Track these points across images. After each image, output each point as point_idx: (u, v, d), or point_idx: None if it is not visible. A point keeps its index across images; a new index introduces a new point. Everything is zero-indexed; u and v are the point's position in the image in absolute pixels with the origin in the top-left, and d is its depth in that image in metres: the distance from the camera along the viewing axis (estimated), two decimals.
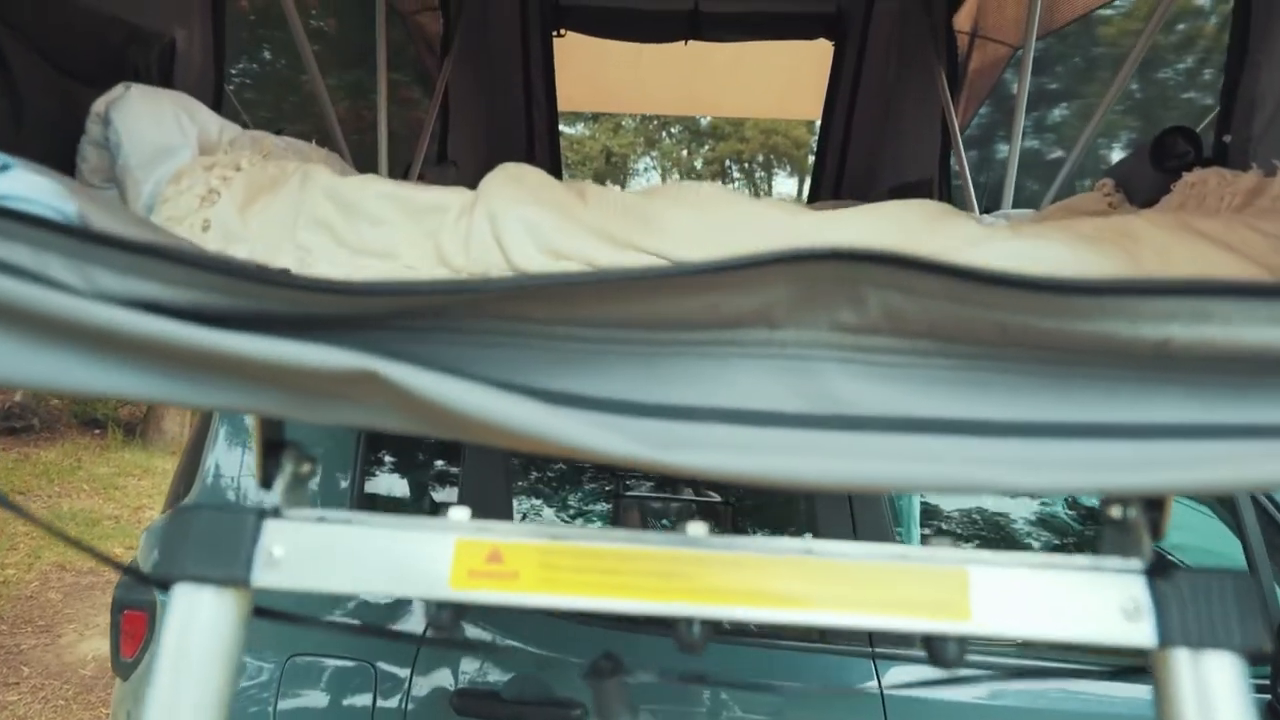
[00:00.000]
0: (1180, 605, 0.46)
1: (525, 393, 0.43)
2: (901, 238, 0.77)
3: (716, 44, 3.56)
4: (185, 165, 0.88)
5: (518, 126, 3.81)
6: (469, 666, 1.24)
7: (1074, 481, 0.44)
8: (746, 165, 12.91)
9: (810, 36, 3.50)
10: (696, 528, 0.50)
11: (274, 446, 0.57)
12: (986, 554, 0.49)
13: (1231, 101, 1.18)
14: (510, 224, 0.78)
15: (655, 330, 0.44)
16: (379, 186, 0.84)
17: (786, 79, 4.01)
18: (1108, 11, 2.46)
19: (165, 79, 1.17)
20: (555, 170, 3.97)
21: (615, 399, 0.44)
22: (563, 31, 3.57)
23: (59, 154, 0.94)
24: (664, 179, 12.81)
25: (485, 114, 3.65)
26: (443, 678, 1.23)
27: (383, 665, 1.23)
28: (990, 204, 2.34)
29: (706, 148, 12.72)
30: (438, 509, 1.35)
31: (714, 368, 0.45)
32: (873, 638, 1.27)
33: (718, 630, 0.52)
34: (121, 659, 1.31)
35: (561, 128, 4.11)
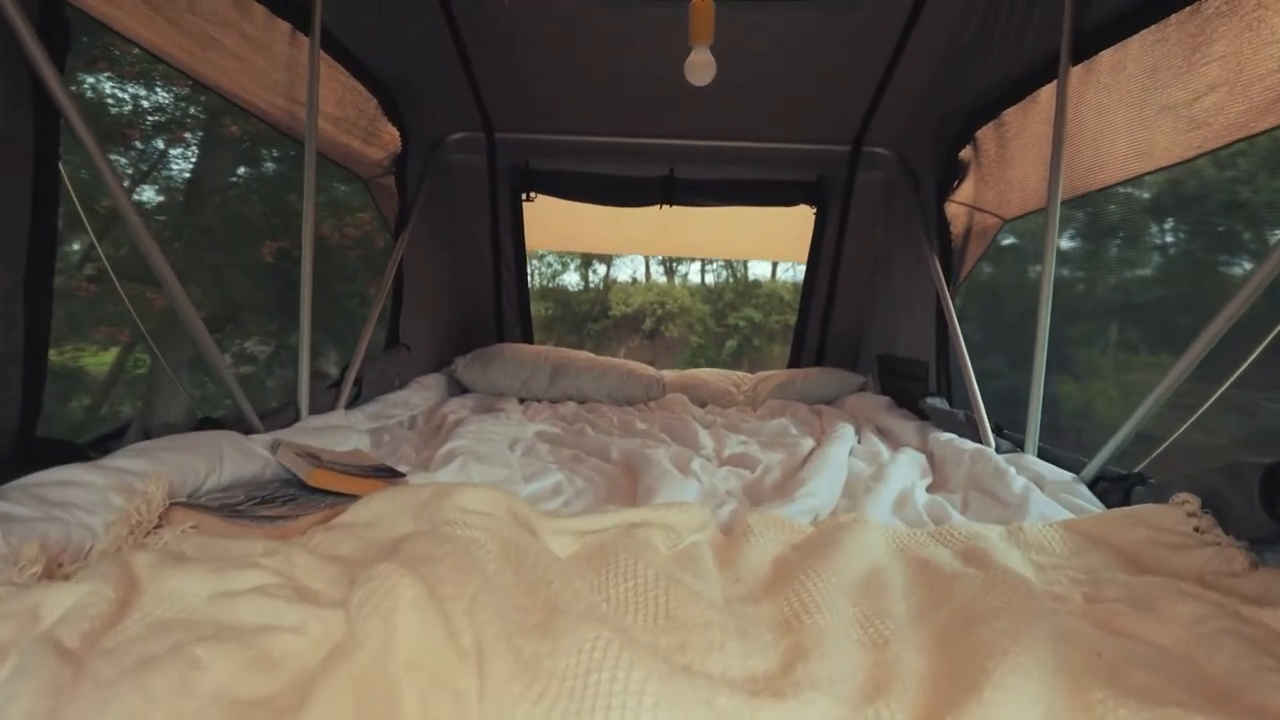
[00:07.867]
0: None
1: None
2: None
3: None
4: None
5: (484, 290, 3.59)
6: None
7: None
8: None
9: (790, 204, 3.36)
10: None
11: None
12: None
13: None
14: None
15: None
16: None
17: (768, 228, 3.88)
18: None
19: None
20: (526, 333, 3.71)
21: None
22: (533, 195, 3.42)
23: None
24: (646, 261, 13.28)
25: (449, 281, 3.42)
26: None
27: None
28: (1006, 424, 2.05)
29: None
30: None
31: None
32: None
33: None
34: None
35: None
